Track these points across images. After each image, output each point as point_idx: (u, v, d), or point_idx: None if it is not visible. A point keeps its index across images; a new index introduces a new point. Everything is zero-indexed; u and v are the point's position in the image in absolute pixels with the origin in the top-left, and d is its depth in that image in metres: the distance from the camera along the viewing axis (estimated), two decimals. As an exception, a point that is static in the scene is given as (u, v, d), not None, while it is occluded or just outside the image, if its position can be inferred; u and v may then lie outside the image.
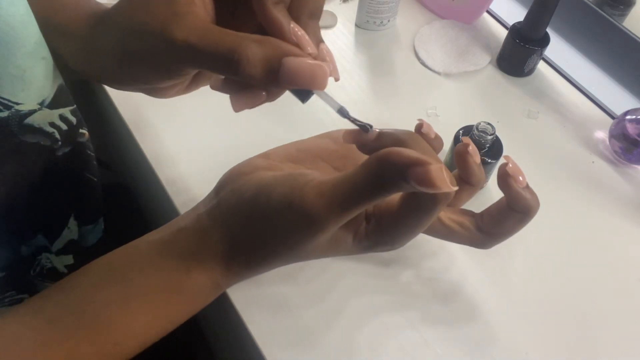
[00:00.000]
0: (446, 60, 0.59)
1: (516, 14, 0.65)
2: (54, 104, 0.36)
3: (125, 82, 0.35)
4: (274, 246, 0.32)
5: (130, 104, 0.50)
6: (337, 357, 0.38)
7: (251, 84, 0.31)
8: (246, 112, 0.51)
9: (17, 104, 0.33)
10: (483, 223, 0.35)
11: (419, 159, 0.27)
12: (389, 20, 0.62)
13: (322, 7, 0.32)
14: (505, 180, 0.33)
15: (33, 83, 0.33)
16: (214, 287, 0.34)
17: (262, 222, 0.32)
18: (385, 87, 0.57)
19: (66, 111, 0.37)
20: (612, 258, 0.46)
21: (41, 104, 0.35)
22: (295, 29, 0.29)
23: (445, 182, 0.27)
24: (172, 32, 0.29)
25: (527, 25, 0.57)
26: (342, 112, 0.32)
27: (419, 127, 0.35)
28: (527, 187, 0.34)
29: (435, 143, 0.35)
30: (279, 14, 0.29)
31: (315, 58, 0.30)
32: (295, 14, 0.30)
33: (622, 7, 0.64)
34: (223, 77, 0.33)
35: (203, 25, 0.29)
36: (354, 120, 0.32)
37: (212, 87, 0.34)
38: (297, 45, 0.29)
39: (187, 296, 0.33)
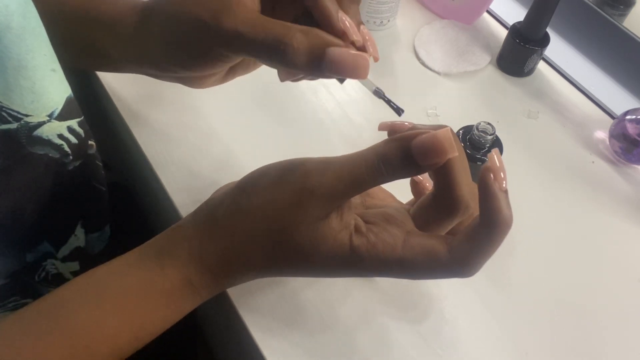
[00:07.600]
0: (446, 60, 0.59)
1: (516, 14, 0.65)
2: (63, 115, 0.36)
3: (169, 69, 0.37)
4: (257, 228, 0.31)
5: (131, 104, 0.50)
6: (337, 356, 0.38)
7: (295, 70, 0.32)
8: (247, 115, 0.51)
9: (27, 115, 0.33)
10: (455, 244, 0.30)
11: (423, 130, 0.28)
12: (389, 20, 0.62)
13: None
14: (483, 177, 0.28)
15: (42, 95, 0.33)
16: (188, 286, 0.33)
17: (250, 199, 0.32)
18: (385, 87, 0.56)
19: (74, 123, 0.37)
20: (612, 258, 0.46)
21: (50, 115, 0.35)
22: (343, 17, 0.31)
23: (452, 144, 0.27)
24: (222, 21, 0.31)
25: (527, 25, 0.57)
26: (378, 94, 0.34)
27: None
28: (506, 193, 0.28)
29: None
30: (328, 1, 0.31)
31: (357, 42, 0.31)
32: None
33: (622, 7, 0.64)
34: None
35: (251, 15, 0.31)
36: (389, 102, 0.34)
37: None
38: (344, 32, 0.31)
39: (160, 296, 0.33)
